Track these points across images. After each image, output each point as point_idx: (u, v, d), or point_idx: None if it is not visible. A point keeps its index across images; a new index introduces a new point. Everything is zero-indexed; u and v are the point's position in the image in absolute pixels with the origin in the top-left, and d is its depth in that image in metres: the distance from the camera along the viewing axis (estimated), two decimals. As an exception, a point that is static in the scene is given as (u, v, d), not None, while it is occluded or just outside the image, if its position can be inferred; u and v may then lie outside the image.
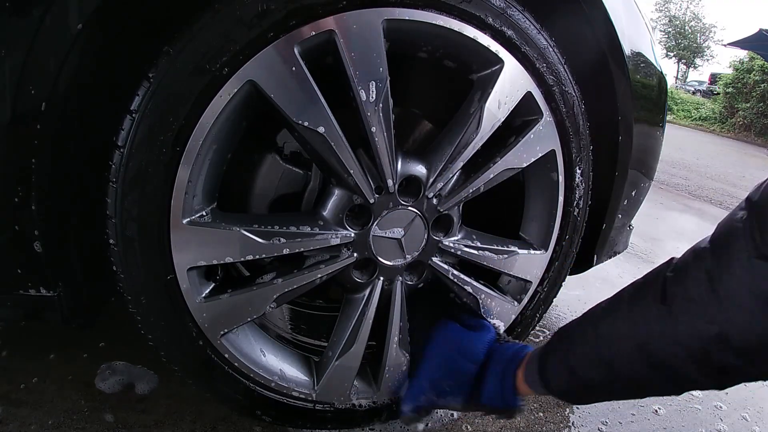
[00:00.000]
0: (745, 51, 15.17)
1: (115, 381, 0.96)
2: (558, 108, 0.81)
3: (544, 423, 1.01)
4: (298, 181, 0.82)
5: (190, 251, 0.66)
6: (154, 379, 0.97)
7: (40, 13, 0.54)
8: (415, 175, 0.75)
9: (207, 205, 0.68)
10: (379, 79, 0.66)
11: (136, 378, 0.97)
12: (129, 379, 0.97)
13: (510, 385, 0.77)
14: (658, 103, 0.99)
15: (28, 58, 0.56)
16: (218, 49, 0.60)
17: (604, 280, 1.83)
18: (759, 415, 1.14)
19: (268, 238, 0.68)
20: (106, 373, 0.97)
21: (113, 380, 0.96)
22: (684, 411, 1.11)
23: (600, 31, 0.83)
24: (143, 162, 0.61)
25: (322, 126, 0.65)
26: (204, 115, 0.61)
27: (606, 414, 1.06)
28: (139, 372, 0.99)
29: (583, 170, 0.88)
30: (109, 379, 0.96)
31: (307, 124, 0.64)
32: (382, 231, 0.76)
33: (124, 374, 0.98)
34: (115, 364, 1.00)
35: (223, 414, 0.91)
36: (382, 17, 0.65)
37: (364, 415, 0.89)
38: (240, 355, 0.76)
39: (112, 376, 0.97)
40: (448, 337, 0.83)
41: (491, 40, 0.73)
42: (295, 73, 0.62)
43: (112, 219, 0.63)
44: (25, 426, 0.83)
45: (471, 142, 0.75)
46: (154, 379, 0.97)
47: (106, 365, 0.99)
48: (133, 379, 0.97)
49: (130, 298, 0.68)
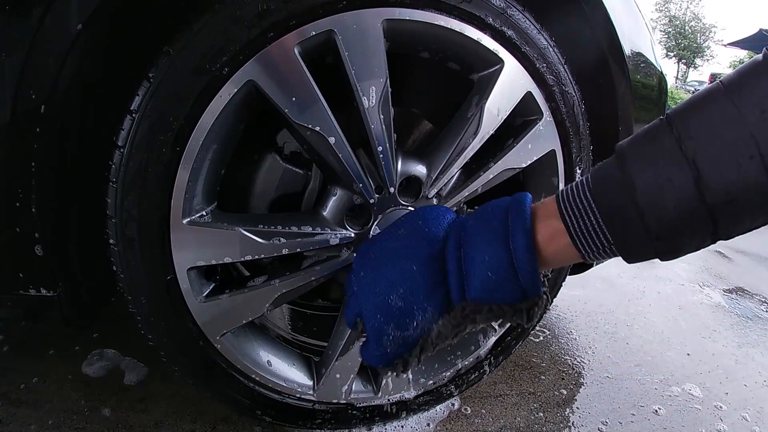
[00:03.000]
0: (745, 51, 15.17)
1: (116, 378, 0.96)
2: (558, 108, 0.81)
3: (544, 423, 1.01)
4: (298, 181, 0.81)
5: (190, 251, 0.66)
6: (152, 376, 0.97)
7: (39, 14, 0.54)
8: (415, 175, 0.75)
9: (207, 205, 0.68)
10: (379, 79, 0.66)
11: (139, 376, 0.97)
12: (131, 379, 0.97)
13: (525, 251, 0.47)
14: (658, 103, 0.99)
15: (28, 60, 0.56)
16: (218, 49, 0.60)
17: (604, 280, 1.83)
18: (759, 415, 1.14)
19: (268, 238, 0.68)
20: (96, 365, 0.97)
21: (100, 366, 0.96)
22: (684, 411, 1.11)
23: (600, 31, 0.83)
24: (143, 162, 0.61)
25: (322, 126, 0.65)
26: (204, 115, 0.61)
27: (606, 414, 1.06)
28: (140, 370, 0.99)
29: (583, 170, 0.88)
30: (97, 366, 0.96)
31: (307, 124, 0.64)
32: (382, 231, 0.76)
33: (125, 371, 0.98)
34: (107, 351, 1.00)
35: (223, 414, 0.91)
36: (382, 17, 0.65)
37: (364, 415, 0.89)
38: (240, 355, 0.76)
39: (100, 364, 0.97)
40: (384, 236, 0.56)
41: (491, 40, 0.73)
42: (295, 73, 0.62)
43: (112, 219, 0.63)
44: (25, 426, 0.83)
45: (471, 142, 0.75)
46: (153, 378, 0.97)
47: (97, 352, 0.99)
48: (133, 377, 0.97)
49: (130, 298, 0.68)
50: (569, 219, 0.47)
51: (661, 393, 1.16)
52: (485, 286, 0.48)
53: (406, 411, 0.92)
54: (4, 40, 0.55)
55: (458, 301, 0.50)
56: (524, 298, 0.48)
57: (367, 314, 0.52)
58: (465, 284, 0.49)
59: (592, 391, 1.14)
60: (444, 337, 0.51)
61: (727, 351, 1.41)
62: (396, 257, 0.52)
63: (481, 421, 0.99)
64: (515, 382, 1.13)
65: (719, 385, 1.23)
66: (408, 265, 0.51)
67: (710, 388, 1.21)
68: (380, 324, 0.51)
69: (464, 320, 0.50)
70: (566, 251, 0.48)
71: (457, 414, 1.00)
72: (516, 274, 0.47)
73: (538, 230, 0.48)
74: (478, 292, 0.48)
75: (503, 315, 0.49)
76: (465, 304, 0.49)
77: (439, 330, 0.51)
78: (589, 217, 0.46)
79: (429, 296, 0.50)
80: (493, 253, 0.47)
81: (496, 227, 0.48)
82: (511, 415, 1.01)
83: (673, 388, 1.18)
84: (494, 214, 0.50)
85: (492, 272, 0.47)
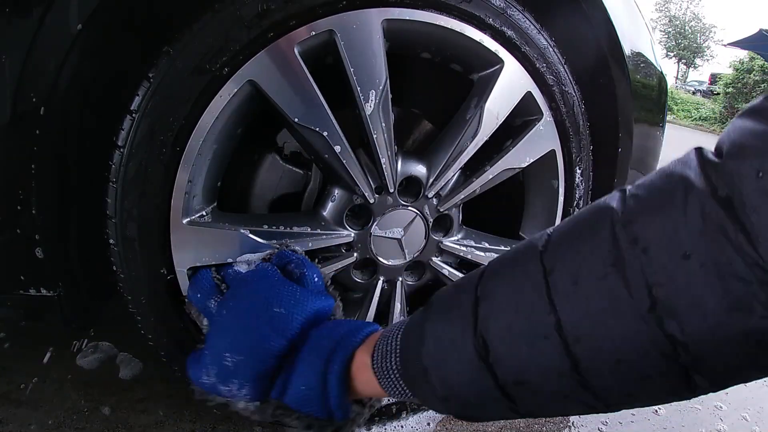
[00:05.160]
0: (745, 51, 15.18)
1: (111, 373, 0.96)
2: (558, 108, 0.81)
3: (544, 423, 1.01)
4: (298, 181, 0.82)
5: (190, 251, 0.66)
6: (153, 376, 0.97)
7: (39, 14, 0.54)
8: (415, 175, 0.75)
9: (207, 205, 0.68)
10: (379, 79, 0.66)
11: (134, 370, 0.97)
12: (126, 374, 0.97)
13: (336, 379, 0.49)
14: (658, 103, 0.99)
15: (28, 60, 0.55)
16: (218, 49, 0.60)
17: (604, 280, 1.83)
18: (759, 415, 1.14)
19: (269, 238, 0.68)
20: (90, 357, 0.98)
21: (94, 357, 0.96)
22: (684, 411, 1.11)
23: (600, 31, 0.83)
24: (143, 162, 0.61)
25: (322, 126, 0.65)
26: (204, 115, 0.61)
27: (606, 414, 1.06)
28: (135, 364, 0.99)
29: (583, 170, 0.88)
30: (92, 358, 0.96)
31: (307, 124, 0.64)
32: (382, 231, 0.76)
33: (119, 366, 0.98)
34: (102, 344, 1.00)
35: (223, 414, 0.90)
36: (382, 17, 0.65)
37: (364, 415, 0.89)
38: (240, 355, 0.76)
39: (95, 356, 0.97)
40: (259, 286, 0.57)
41: (491, 40, 0.73)
42: (296, 73, 0.62)
43: (112, 219, 0.63)
44: (25, 426, 0.83)
45: (471, 141, 0.75)
46: (153, 378, 0.97)
47: (92, 345, 0.99)
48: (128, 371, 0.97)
49: (130, 298, 0.68)
50: (376, 356, 0.48)
51: (661, 393, 1.16)
52: (299, 395, 0.51)
53: (406, 411, 0.92)
54: (4, 40, 0.55)
55: (273, 400, 0.53)
56: (330, 417, 0.51)
57: (207, 341, 0.57)
58: (285, 388, 0.52)
59: (592, 391, 1.13)
60: (249, 416, 0.54)
61: (727, 351, 1.40)
62: (254, 329, 0.53)
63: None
64: (515, 382, 1.13)
65: (719, 385, 1.23)
66: (256, 346, 0.52)
67: (710, 388, 1.21)
68: (208, 358, 0.55)
69: (273, 417, 0.53)
70: (371, 385, 0.49)
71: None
72: (326, 393, 0.49)
73: (354, 360, 0.50)
74: (292, 399, 0.51)
75: (310, 427, 0.52)
76: (278, 404, 0.53)
77: (246, 408, 0.54)
78: (391, 358, 0.46)
79: (253, 381, 0.52)
80: (312, 370, 0.50)
81: (325, 347, 0.51)
82: (511, 415, 1.01)
83: (673, 388, 1.18)
84: (333, 333, 0.52)
85: (305, 386, 0.50)
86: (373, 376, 0.48)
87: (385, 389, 0.47)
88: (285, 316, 0.53)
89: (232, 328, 0.54)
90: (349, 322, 0.55)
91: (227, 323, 0.55)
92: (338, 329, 0.53)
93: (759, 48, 14.42)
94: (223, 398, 0.55)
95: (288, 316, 0.53)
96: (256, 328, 0.53)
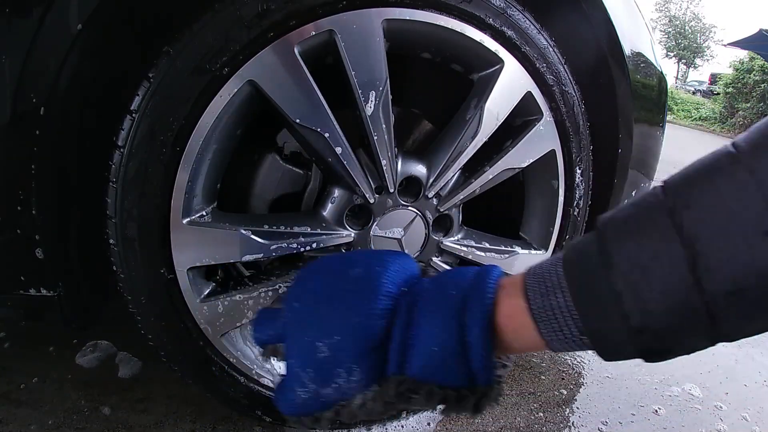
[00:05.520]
0: (745, 51, 15.18)
1: (111, 373, 0.96)
2: (558, 108, 0.81)
3: (544, 423, 1.01)
4: (298, 181, 0.82)
5: (190, 251, 0.66)
6: (153, 376, 0.97)
7: (39, 14, 0.54)
8: (415, 175, 0.75)
9: (207, 205, 0.68)
10: (379, 79, 0.66)
11: (133, 369, 0.97)
12: (125, 373, 0.97)
13: (480, 330, 0.39)
14: (658, 103, 0.99)
15: (28, 60, 0.55)
16: (218, 49, 0.60)
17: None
18: (759, 415, 1.14)
19: (269, 238, 0.68)
20: (89, 356, 0.98)
21: (94, 356, 0.96)
22: (684, 411, 1.11)
23: (600, 31, 0.83)
24: (143, 162, 0.61)
25: (322, 126, 0.65)
26: (204, 115, 0.61)
27: (606, 414, 1.06)
28: (134, 363, 0.99)
29: (583, 170, 0.88)
30: (90, 357, 0.97)
31: (307, 124, 0.64)
32: (382, 231, 0.76)
33: (119, 365, 0.98)
34: (101, 343, 1.00)
35: (223, 414, 0.90)
36: (382, 17, 0.65)
37: (364, 415, 0.89)
38: (240, 355, 0.76)
39: (94, 355, 0.97)
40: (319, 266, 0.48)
41: (491, 40, 0.73)
42: (296, 73, 0.62)
43: (112, 219, 0.63)
44: (25, 426, 0.83)
45: (471, 141, 0.75)
46: (153, 378, 0.97)
47: (92, 344, 0.99)
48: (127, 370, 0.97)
49: (130, 298, 0.68)
50: (533, 295, 0.40)
51: (661, 393, 1.16)
52: (428, 361, 0.41)
53: (406, 411, 0.92)
54: (4, 40, 0.55)
55: (395, 374, 0.42)
56: (472, 384, 0.41)
57: (289, 351, 0.45)
58: (406, 356, 0.42)
59: (592, 391, 1.14)
60: (368, 411, 0.43)
61: (727, 351, 1.41)
62: (338, 300, 0.44)
63: (481, 421, 0.99)
64: (515, 382, 1.13)
65: (719, 385, 1.23)
66: (348, 314, 0.42)
67: (710, 388, 1.21)
68: (299, 367, 0.44)
69: (398, 398, 0.42)
70: (526, 334, 0.40)
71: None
72: (466, 353, 0.40)
73: (499, 307, 0.41)
74: (419, 368, 0.41)
75: (445, 401, 0.41)
76: (401, 379, 0.42)
77: (364, 401, 0.43)
78: (556, 295, 0.39)
79: (361, 357, 0.42)
80: (443, 325, 0.40)
81: (453, 296, 0.41)
82: (511, 415, 1.01)
83: (673, 388, 1.18)
84: (455, 282, 0.43)
85: (438, 346, 0.40)
86: (530, 321, 0.39)
87: (547, 336, 0.39)
88: (372, 273, 0.44)
89: (312, 312, 0.44)
90: (467, 268, 0.45)
91: (304, 312, 0.44)
92: (459, 276, 0.43)
93: (759, 48, 14.43)
94: (330, 412, 0.44)
95: (376, 273, 0.44)
96: (342, 297, 0.43)
